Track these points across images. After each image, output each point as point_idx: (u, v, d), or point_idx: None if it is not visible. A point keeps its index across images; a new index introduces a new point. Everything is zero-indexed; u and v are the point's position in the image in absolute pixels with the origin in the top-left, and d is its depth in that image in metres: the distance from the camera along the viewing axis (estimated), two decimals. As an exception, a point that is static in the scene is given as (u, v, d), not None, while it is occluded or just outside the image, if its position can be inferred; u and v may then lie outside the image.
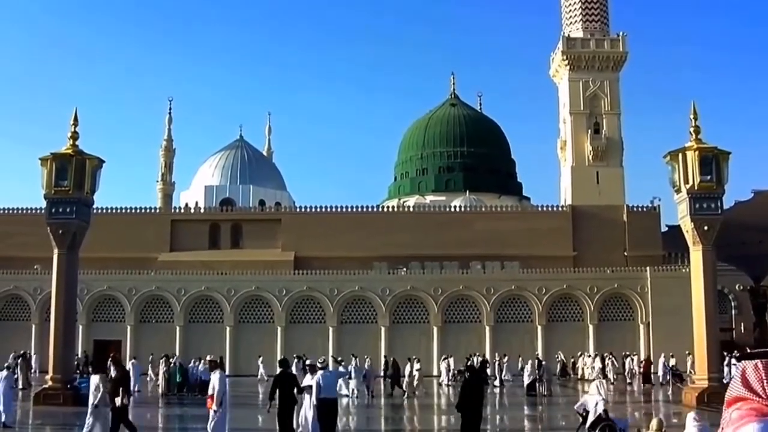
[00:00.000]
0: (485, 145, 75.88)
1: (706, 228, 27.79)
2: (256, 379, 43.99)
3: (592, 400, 17.19)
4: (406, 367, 35.38)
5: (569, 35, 65.32)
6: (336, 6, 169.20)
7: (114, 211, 60.58)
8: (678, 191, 28.73)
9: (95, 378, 16.93)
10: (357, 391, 32.99)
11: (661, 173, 29.90)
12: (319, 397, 16.20)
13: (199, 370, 33.75)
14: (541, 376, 34.79)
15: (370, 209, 64.86)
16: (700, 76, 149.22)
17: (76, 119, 28.90)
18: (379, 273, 54.28)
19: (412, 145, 78.96)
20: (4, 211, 61.49)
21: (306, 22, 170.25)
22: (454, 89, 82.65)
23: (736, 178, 29.32)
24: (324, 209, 62.30)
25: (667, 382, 40.68)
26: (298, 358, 33.74)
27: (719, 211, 28.29)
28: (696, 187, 27.90)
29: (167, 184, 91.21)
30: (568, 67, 64.15)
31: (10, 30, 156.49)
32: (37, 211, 49.05)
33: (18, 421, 21.64)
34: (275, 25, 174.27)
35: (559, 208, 63.28)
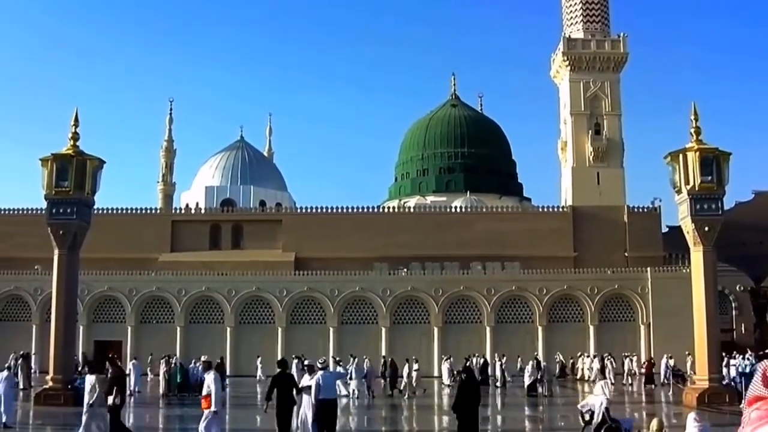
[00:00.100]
0: (486, 146, 75.90)
1: (706, 229, 27.79)
2: (255, 379, 44.02)
3: (597, 401, 17.14)
4: (404, 368, 35.38)
5: (570, 36, 65.31)
6: (336, 6, 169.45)
7: (115, 211, 60.71)
8: (679, 192, 28.73)
9: (91, 378, 16.96)
10: (357, 392, 33.03)
11: (662, 174, 29.94)
12: (318, 397, 16.21)
13: (199, 370, 33.69)
14: (542, 377, 34.78)
15: (371, 210, 64.91)
16: (701, 77, 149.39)
17: (76, 120, 28.94)
18: (379, 273, 54.31)
19: (412, 145, 78.97)
20: (5, 211, 61.52)
21: (306, 22, 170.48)
22: (454, 90, 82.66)
23: (737, 179, 29.31)
24: (325, 210, 62.33)
25: (668, 382, 40.60)
26: (297, 359, 33.76)
27: (720, 212, 28.29)
28: (697, 188, 27.92)
29: (168, 185, 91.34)
30: (569, 67, 64.12)
31: (10, 30, 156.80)
32: (37, 211, 49.18)
33: (18, 422, 21.64)
34: (275, 25, 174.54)
35: (560, 209, 63.28)
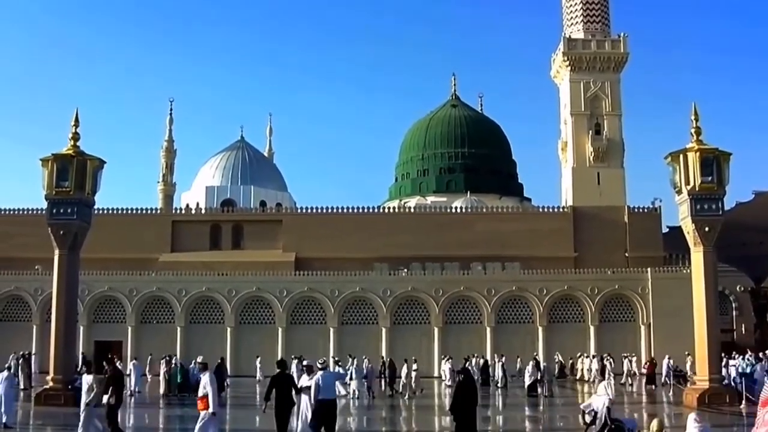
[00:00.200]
0: (486, 146, 75.91)
1: (707, 229, 27.78)
2: (255, 380, 44.01)
3: (600, 401, 17.09)
4: (402, 368, 35.37)
5: (570, 36, 65.31)
6: (336, 6, 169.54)
7: (115, 211, 60.74)
8: (679, 192, 28.72)
9: (89, 378, 16.99)
10: (358, 392, 33.04)
11: (662, 174, 29.90)
12: (318, 397, 16.21)
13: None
14: (542, 377, 34.79)
15: (371, 210, 64.92)
16: (701, 78, 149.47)
17: (77, 120, 28.93)
18: (380, 274, 54.31)
19: (413, 145, 78.98)
20: (5, 211, 61.52)
21: (306, 22, 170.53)
22: (455, 90, 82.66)
23: (737, 179, 29.21)
24: (325, 210, 62.32)
25: (669, 383, 40.53)
26: (297, 359, 33.73)
27: (720, 212, 28.26)
28: (697, 188, 27.90)
29: (168, 185, 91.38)
30: (569, 68, 64.13)
31: (10, 30, 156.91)
32: (38, 211, 49.26)
33: (19, 422, 21.64)
34: (275, 25, 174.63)
35: (560, 209, 63.28)
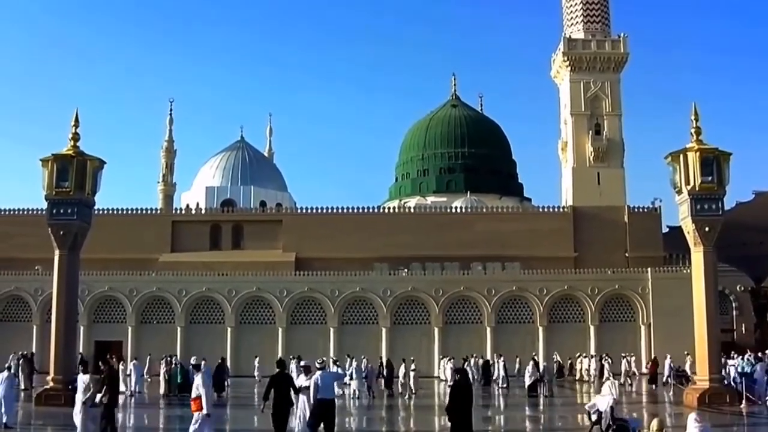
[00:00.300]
0: (486, 146, 75.93)
1: (707, 229, 27.77)
2: (254, 380, 43.96)
3: (605, 401, 17.08)
4: (400, 368, 35.31)
5: (570, 36, 65.34)
6: (336, 6, 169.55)
7: (115, 212, 60.75)
8: (679, 192, 28.71)
9: (85, 377, 17.01)
10: (358, 392, 33.04)
11: (662, 174, 29.88)
12: (317, 397, 16.22)
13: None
14: (542, 377, 34.78)
15: (371, 210, 64.93)
16: (701, 78, 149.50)
17: (77, 120, 28.92)
18: (380, 274, 54.32)
19: (413, 145, 78.99)
20: (5, 211, 61.54)
21: (306, 22, 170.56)
22: (455, 90, 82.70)
23: (737, 179, 29.18)
24: (325, 210, 62.33)
25: (670, 383, 40.48)
26: (297, 359, 33.73)
27: (720, 212, 28.24)
28: (697, 188, 27.88)
29: (168, 185, 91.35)
30: (569, 68, 64.15)
31: (10, 30, 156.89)
32: (38, 212, 49.29)
33: (19, 422, 21.65)
34: (275, 25, 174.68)
35: (560, 209, 63.29)
